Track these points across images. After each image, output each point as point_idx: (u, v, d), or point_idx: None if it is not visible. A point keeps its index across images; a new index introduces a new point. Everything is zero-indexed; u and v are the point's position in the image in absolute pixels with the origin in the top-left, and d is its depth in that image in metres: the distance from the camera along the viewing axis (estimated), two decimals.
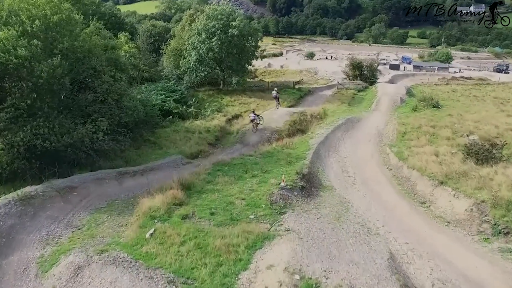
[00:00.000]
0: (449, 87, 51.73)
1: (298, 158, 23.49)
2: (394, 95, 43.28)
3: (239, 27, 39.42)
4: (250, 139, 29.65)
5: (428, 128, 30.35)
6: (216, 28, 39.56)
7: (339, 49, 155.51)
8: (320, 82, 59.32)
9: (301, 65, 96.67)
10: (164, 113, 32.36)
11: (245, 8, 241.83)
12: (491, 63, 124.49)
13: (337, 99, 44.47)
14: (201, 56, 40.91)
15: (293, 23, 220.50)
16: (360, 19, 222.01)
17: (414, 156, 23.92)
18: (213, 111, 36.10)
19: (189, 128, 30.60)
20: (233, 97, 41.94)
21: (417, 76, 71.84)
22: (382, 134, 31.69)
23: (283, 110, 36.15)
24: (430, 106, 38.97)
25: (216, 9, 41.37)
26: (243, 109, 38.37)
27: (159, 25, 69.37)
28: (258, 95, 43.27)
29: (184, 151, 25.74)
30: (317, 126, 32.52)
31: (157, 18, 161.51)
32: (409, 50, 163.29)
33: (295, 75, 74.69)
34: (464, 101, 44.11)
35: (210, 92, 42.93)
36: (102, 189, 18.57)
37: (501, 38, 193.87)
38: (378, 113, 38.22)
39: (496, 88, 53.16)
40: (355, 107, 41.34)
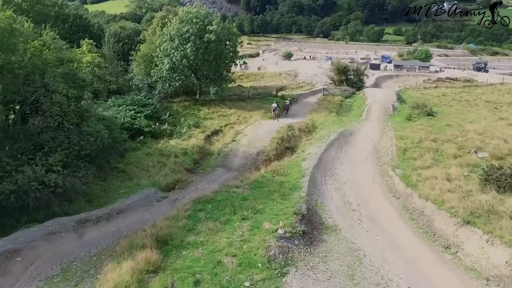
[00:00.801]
0: (439, 90, 49.81)
1: (293, 189, 20.42)
2: (385, 102, 40.83)
3: (216, 32, 36.09)
4: (234, 162, 26.39)
5: (430, 143, 27.84)
6: (190, 33, 36.09)
7: (316, 48, 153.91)
8: (303, 87, 56.50)
9: (279, 66, 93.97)
10: (134, 132, 28.72)
11: (219, 6, 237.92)
12: (469, 60, 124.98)
13: (324, 107, 41.70)
14: (175, 64, 37.39)
15: (268, 21, 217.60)
16: (335, 17, 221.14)
17: (424, 182, 21.24)
18: (190, 126, 32.65)
19: (163, 150, 27.06)
20: (211, 108, 38.56)
21: (401, 77, 70.25)
22: (379, 149, 29.09)
23: (268, 125, 33.02)
24: (424, 114, 36.65)
25: (190, 11, 37.87)
26: (223, 123, 35.08)
27: (128, 27, 65.03)
28: (239, 105, 40.02)
29: (158, 181, 22.23)
30: (307, 143, 29.56)
31: (127, 18, 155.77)
32: (386, 47, 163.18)
33: (275, 78, 71.88)
34: (457, 106, 42.07)
35: (185, 103, 39.39)
36: (55, 248, 14.94)
37: (474, 34, 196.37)
38: (370, 124, 35.64)
39: (485, 90, 51.62)
40: (344, 116, 38.65)
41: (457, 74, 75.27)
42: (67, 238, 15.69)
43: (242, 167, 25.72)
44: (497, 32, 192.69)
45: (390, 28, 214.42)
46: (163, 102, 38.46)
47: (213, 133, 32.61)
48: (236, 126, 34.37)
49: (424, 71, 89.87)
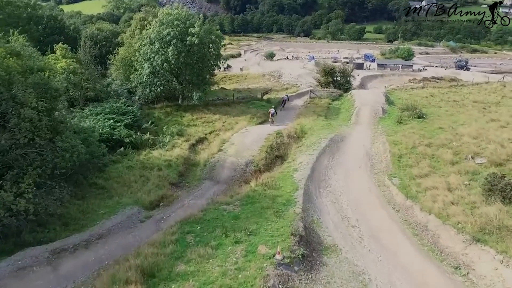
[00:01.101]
0: (426, 91, 49.31)
1: (287, 204, 19.17)
2: (373, 104, 39.96)
3: (199, 35, 34.58)
4: (222, 174, 24.98)
5: (425, 148, 26.99)
6: (171, 36, 34.50)
7: (298, 47, 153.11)
8: (289, 89, 55.46)
9: (262, 67, 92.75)
10: (114, 143, 27.02)
11: (198, 6, 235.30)
12: (450, 58, 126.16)
13: (311, 110, 40.59)
14: (155, 69, 35.75)
15: (249, 20, 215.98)
16: (316, 15, 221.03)
17: (424, 193, 20.29)
18: (173, 135, 31.09)
19: (145, 163, 25.45)
20: (195, 114, 37.03)
21: (386, 76, 69.89)
22: (372, 156, 28.13)
23: (256, 131, 31.69)
24: (415, 117, 35.92)
25: (171, 13, 36.24)
26: (207, 130, 33.63)
27: (105, 28, 62.86)
28: (223, 111, 38.59)
29: (141, 199, 20.65)
30: (297, 150, 28.37)
31: (105, 18, 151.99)
32: (367, 46, 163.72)
33: (258, 80, 70.66)
34: (446, 107, 41.54)
35: (167, 109, 37.74)
36: (26, 285, 13.32)
37: (453, 32, 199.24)
38: (361, 128, 34.69)
39: (472, 89, 51.40)
40: (333, 120, 37.62)
41: (441, 72, 75.44)
42: (40, 272, 14.05)
43: (230, 179, 24.33)
44: (475, 30, 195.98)
45: (370, 26, 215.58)
46: (143, 109, 36.76)
47: (198, 141, 31.12)
48: (221, 133, 33.00)
49: (407, 70, 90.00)
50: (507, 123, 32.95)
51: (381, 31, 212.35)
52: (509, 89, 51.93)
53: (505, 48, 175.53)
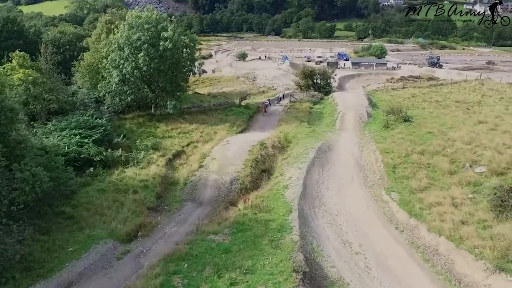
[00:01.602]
0: (407, 91, 48.58)
1: (282, 230, 17.34)
2: (357, 107, 38.68)
3: (172, 39, 32.23)
4: (204, 194, 22.82)
5: (419, 156, 25.76)
6: (142, 41, 31.99)
7: (270, 47, 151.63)
8: (266, 92, 53.74)
9: (235, 68, 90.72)
10: (82, 163, 24.42)
11: (165, 6, 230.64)
12: (421, 55, 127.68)
13: (293, 116, 38.92)
14: (125, 76, 33.15)
15: (218, 20, 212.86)
16: (286, 14, 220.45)
17: (429, 211, 18.89)
18: (148, 149, 28.67)
19: (119, 184, 23.01)
20: (170, 124, 34.65)
21: (363, 76, 69.16)
22: (363, 165, 26.73)
23: (238, 142, 29.63)
24: (401, 120, 34.83)
25: (141, 16, 33.71)
26: (184, 142, 31.33)
27: (69, 31, 59.36)
28: (200, 119, 36.35)
29: (116, 230, 18.28)
30: (284, 163, 26.61)
31: (68, 19, 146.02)
32: (339, 44, 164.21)
33: (233, 83, 68.57)
34: (429, 108, 40.75)
35: (139, 119, 35.19)
36: None
37: (422, 29, 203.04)
38: (347, 134, 33.30)
39: (451, 89, 51.13)
40: (317, 126, 36.07)
41: (417, 71, 75.45)
42: None
43: (214, 200, 22.23)
44: (443, 26, 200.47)
45: (341, 24, 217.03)
46: (113, 120, 34.09)
47: (175, 155, 28.81)
48: (200, 145, 30.84)
49: (381, 68, 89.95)
50: (495, 125, 32.29)
51: (351, 28, 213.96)
52: (487, 88, 52.02)
53: (471, 44, 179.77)
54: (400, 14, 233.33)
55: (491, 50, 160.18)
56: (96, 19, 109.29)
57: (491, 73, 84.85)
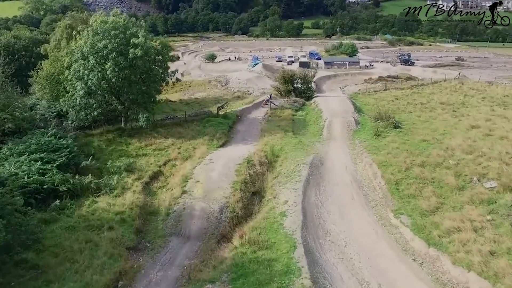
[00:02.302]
0: (390, 93, 47.43)
1: (289, 273, 15.12)
2: (343, 114, 36.91)
3: (143, 46, 29.32)
4: (191, 226, 20.17)
5: (420, 170, 24.07)
6: (109, 49, 28.91)
7: (238, 46, 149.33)
8: (242, 98, 51.30)
9: (204, 71, 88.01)
10: (46, 194, 21.31)
11: (128, 6, 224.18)
12: (391, 52, 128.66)
13: (276, 125, 36.72)
14: (91, 89, 29.96)
15: (183, 20, 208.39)
16: (252, 12, 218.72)
17: (448, 238, 17.08)
18: (121, 172, 25.74)
19: (90, 219, 20.05)
20: (143, 140, 31.71)
21: (339, 77, 67.82)
22: (361, 181, 24.91)
23: (221, 160, 27.07)
24: (391, 127, 33.33)
25: (106, 21, 30.56)
26: (161, 160, 28.51)
27: (24, 35, 54.92)
28: (176, 133, 33.54)
29: (93, 282, 15.38)
30: (275, 183, 24.35)
31: (23, 22, 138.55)
32: (308, 42, 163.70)
33: (204, 87, 65.80)
34: (415, 112, 39.56)
35: (109, 135, 32.06)
36: None
37: (388, 25, 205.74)
38: (336, 145, 31.43)
39: (433, 89, 50.42)
40: (303, 136, 34.04)
41: (392, 69, 74.99)
42: None
43: (203, 233, 19.63)
44: (408, 23, 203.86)
45: (308, 22, 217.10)
46: (79, 137, 30.89)
47: (152, 177, 25.97)
48: (178, 163, 28.13)
49: (354, 67, 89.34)
50: (489, 130, 31.29)
51: (319, 26, 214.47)
52: (468, 87, 51.65)
53: (437, 40, 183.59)
54: (366, 10, 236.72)
55: (456, 45, 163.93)
56: (54, 21, 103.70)
57: (462, 70, 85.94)
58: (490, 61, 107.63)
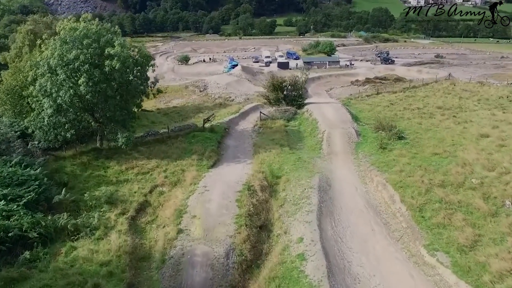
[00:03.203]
0: (383, 97, 45.42)
1: None
2: (341, 124, 34.54)
3: (120, 56, 25.97)
4: (194, 276, 17.11)
5: (442, 191, 21.88)
6: (82, 61, 25.45)
7: (210, 46, 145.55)
8: (225, 107, 48.33)
9: (178, 74, 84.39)
10: (12, 243, 17.84)
11: (92, 5, 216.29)
12: (369, 49, 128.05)
13: (268, 138, 33.96)
14: (61, 107, 26.42)
15: (151, 19, 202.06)
16: (223, 11, 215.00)
17: (501, 284, 14.77)
18: (101, 205, 22.43)
19: (70, 274, 16.70)
20: (123, 162, 28.35)
21: (323, 78, 65.59)
22: (377, 207, 22.59)
23: (218, 186, 24.09)
24: (395, 138, 31.20)
25: (76, 28, 26.99)
26: (146, 187, 25.29)
27: None
28: (159, 152, 30.28)
29: None
30: (283, 213, 21.63)
31: None
32: (283, 40, 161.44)
33: (182, 93, 62.41)
34: (414, 118, 37.63)
35: (83, 158, 28.52)
36: None
37: (362, 22, 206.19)
38: (340, 161, 29.00)
39: (426, 92, 48.79)
40: (300, 150, 31.46)
41: (375, 69, 73.50)
42: None
43: (209, 285, 16.63)
44: (382, 19, 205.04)
45: (280, 19, 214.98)
46: (49, 161, 27.34)
47: (138, 210, 22.78)
48: (166, 189, 25.06)
49: (334, 66, 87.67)
50: (501, 140, 29.55)
51: (291, 23, 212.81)
52: (460, 88, 50.38)
53: (411, 36, 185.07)
54: (338, 7, 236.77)
55: (430, 41, 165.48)
56: (14, 22, 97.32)
57: (444, 68, 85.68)
58: (468, 57, 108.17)
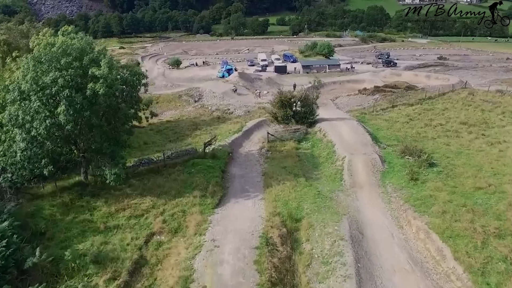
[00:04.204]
0: (399, 111, 41.69)
1: None
2: (361, 147, 30.72)
3: (107, 78, 21.89)
4: None
5: (504, 246, 18.21)
6: (60, 85, 21.32)
7: (202, 48, 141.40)
8: (224, 121, 44.56)
9: (169, 79, 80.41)
10: None
11: (78, 5, 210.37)
12: (367, 50, 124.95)
13: (279, 165, 29.98)
14: (36, 140, 22.28)
15: (140, 19, 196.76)
16: (214, 10, 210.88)
17: None
18: (87, 266, 18.42)
19: None
20: (112, 202, 24.27)
21: (327, 86, 61.68)
22: (421, 263, 18.92)
23: (230, 238, 20.10)
24: (425, 165, 27.56)
25: (53, 43, 22.80)
26: (141, 235, 21.33)
27: None
28: (155, 187, 26.16)
29: None
30: (312, 277, 17.81)
31: None
32: (276, 41, 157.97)
33: (175, 103, 58.41)
34: (439, 137, 34.17)
35: (65, 196, 24.43)
36: None
37: (357, 20, 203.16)
38: (366, 197, 25.28)
39: (443, 103, 45.30)
40: (318, 181, 27.62)
41: (381, 75, 70.02)
42: None
43: None
44: (377, 17, 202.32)
45: (273, 18, 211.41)
46: (22, 204, 23.24)
47: (132, 272, 18.77)
48: (165, 238, 21.14)
49: (335, 70, 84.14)
50: None
51: (284, 22, 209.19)
52: (480, 99, 47.01)
53: (408, 35, 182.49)
54: (332, 5, 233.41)
55: (428, 41, 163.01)
56: None
57: (450, 71, 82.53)
58: (471, 59, 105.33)
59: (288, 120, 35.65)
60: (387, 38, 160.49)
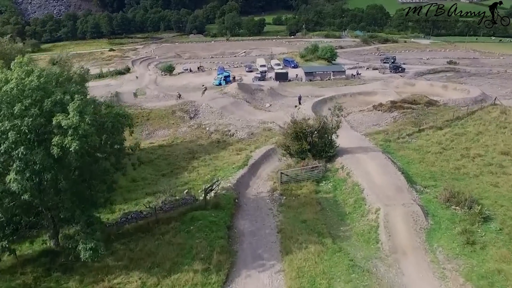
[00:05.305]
0: (429, 138, 36.23)
1: None
2: (396, 194, 25.44)
3: (79, 129, 16.49)
4: None
5: None
6: (12, 141, 15.94)
7: (196, 50, 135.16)
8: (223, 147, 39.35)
9: (161, 88, 74.71)
10: None
11: (66, 4, 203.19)
12: (370, 53, 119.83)
13: (298, 220, 24.54)
14: None
15: (131, 19, 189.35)
16: (208, 9, 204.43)
17: None
18: None
19: None
20: (89, 280, 19.05)
21: (336, 99, 56.31)
22: None
23: None
24: (479, 220, 22.46)
25: (7, 79, 17.39)
26: None
27: None
28: (144, 255, 20.85)
29: None
30: None
31: None
32: (274, 42, 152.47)
33: (167, 120, 52.77)
34: (482, 174, 29.13)
35: (27, 273, 19.13)
36: None
37: (356, 20, 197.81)
38: (412, 269, 20.09)
39: (474, 125, 40.13)
40: (347, 241, 22.39)
41: (393, 84, 64.94)
42: None
43: None
44: (377, 17, 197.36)
45: (269, 17, 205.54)
46: None
47: None
48: None
49: (340, 77, 79.05)
50: None
51: (281, 22, 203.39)
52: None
53: (410, 36, 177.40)
54: (330, 4, 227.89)
55: (431, 41, 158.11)
56: None
57: (464, 78, 77.65)
58: (482, 62, 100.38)
59: (303, 155, 30.30)
60: (389, 39, 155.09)
